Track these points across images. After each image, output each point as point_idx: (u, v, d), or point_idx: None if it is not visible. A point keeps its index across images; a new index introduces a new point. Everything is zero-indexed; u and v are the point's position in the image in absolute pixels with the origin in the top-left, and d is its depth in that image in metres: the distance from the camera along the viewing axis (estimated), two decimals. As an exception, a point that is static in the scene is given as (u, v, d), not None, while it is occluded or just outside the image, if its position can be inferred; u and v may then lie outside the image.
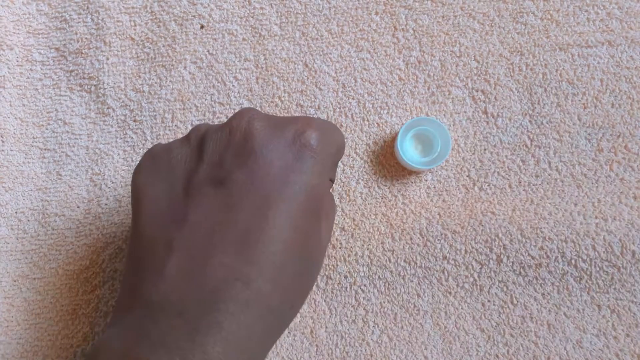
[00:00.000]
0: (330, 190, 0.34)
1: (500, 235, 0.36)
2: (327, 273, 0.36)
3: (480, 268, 0.36)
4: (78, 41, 0.39)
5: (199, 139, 0.28)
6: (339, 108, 0.38)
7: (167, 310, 0.24)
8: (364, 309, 0.35)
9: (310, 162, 0.27)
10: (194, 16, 0.39)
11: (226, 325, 0.24)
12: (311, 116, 0.29)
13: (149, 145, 0.38)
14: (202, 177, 0.27)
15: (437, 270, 0.36)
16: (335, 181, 0.37)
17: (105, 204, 0.37)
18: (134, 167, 0.35)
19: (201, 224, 0.26)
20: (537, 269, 0.36)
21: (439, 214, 0.37)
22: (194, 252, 0.25)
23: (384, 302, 0.35)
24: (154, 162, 0.29)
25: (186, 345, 0.23)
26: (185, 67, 0.39)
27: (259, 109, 0.38)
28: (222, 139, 0.27)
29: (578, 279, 0.36)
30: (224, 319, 0.24)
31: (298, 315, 0.35)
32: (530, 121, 0.37)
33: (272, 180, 0.26)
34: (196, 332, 0.24)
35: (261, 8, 0.39)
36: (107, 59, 0.39)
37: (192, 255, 0.25)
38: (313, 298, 0.36)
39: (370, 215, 0.37)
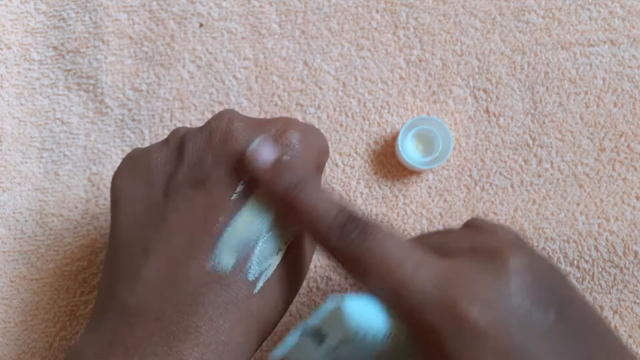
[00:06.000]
0: None
1: (501, 235, 0.36)
2: (327, 274, 0.36)
3: (482, 269, 0.35)
4: (76, 40, 0.39)
5: (178, 142, 0.28)
6: (339, 107, 0.38)
7: (143, 315, 0.24)
8: (365, 310, 0.35)
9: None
10: (192, 14, 0.39)
11: (204, 329, 0.23)
12: (291, 118, 0.28)
13: (148, 145, 0.38)
14: (181, 179, 0.26)
15: (438, 271, 0.35)
16: (331, 183, 0.37)
17: (104, 204, 0.37)
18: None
19: (179, 226, 0.25)
20: (539, 270, 0.35)
21: (440, 214, 0.36)
22: (172, 254, 0.25)
23: (385, 303, 0.35)
24: (132, 166, 0.28)
25: (162, 351, 0.23)
26: (184, 66, 0.38)
27: (259, 108, 0.38)
28: (202, 140, 0.27)
29: (580, 279, 0.35)
30: (202, 323, 0.24)
31: (298, 317, 0.35)
32: (532, 120, 0.37)
33: None
34: (173, 337, 0.23)
35: (260, 6, 0.39)
36: (105, 57, 0.39)
37: (170, 258, 0.25)
38: (313, 299, 0.35)
39: (370, 216, 0.36)
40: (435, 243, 0.27)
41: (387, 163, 0.37)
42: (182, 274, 0.24)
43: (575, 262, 0.35)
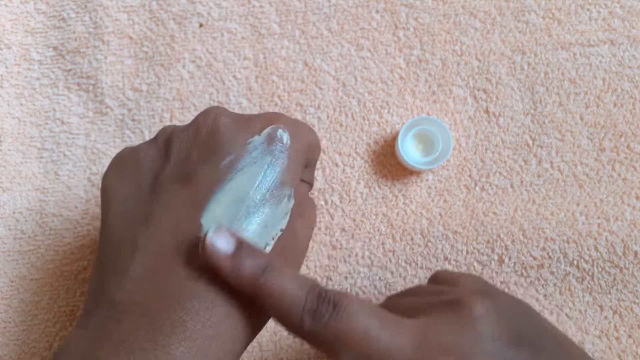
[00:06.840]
0: (311, 195, 0.34)
1: (502, 235, 0.36)
2: (327, 274, 0.36)
3: (482, 269, 0.36)
4: (76, 40, 0.39)
5: (166, 139, 0.28)
6: (339, 107, 0.38)
7: (130, 310, 0.24)
8: (365, 310, 0.35)
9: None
10: (192, 14, 0.39)
11: (191, 324, 0.23)
12: (279, 112, 0.28)
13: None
14: (168, 175, 0.26)
15: (438, 271, 0.35)
16: (331, 183, 0.37)
17: (104, 204, 0.37)
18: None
19: (166, 221, 0.25)
20: (539, 270, 0.35)
21: (440, 214, 0.36)
22: (159, 250, 0.25)
23: (385, 303, 0.35)
24: (121, 164, 0.29)
25: (149, 345, 0.23)
26: (184, 66, 0.38)
27: (259, 108, 0.38)
28: (189, 136, 0.27)
29: (580, 279, 0.35)
30: (189, 317, 0.24)
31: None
32: (532, 120, 0.37)
33: None
34: (159, 331, 0.23)
35: (260, 6, 0.39)
36: (105, 57, 0.39)
37: (157, 253, 0.25)
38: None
39: (370, 216, 0.36)
40: (406, 304, 0.28)
41: (387, 163, 0.37)
42: (168, 269, 0.24)
43: (575, 262, 0.35)
